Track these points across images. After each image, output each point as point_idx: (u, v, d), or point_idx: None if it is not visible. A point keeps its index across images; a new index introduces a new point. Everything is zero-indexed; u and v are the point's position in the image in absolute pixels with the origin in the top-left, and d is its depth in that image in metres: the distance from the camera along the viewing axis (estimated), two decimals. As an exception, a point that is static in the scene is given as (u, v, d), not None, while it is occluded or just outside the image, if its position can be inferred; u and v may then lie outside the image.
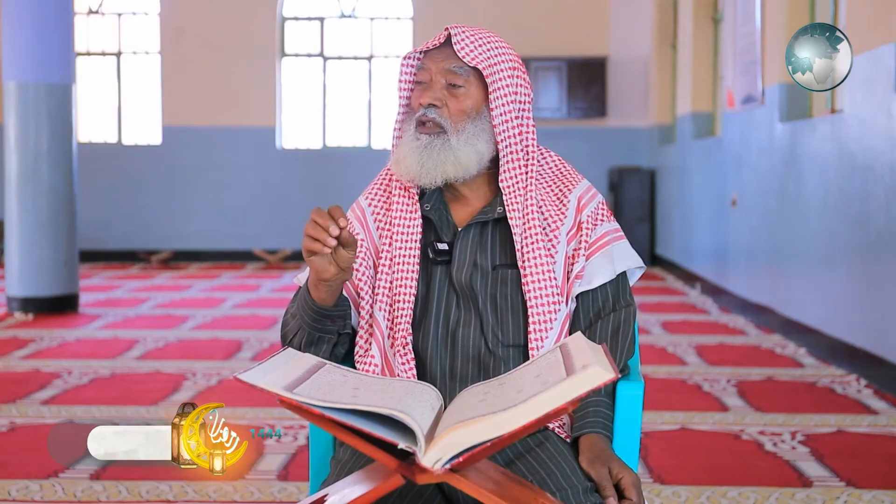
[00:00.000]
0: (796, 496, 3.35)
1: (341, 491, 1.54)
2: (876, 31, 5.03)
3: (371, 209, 1.99)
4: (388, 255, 1.92)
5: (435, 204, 1.94)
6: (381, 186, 2.01)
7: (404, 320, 1.88)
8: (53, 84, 7.23)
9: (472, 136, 1.87)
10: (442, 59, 1.88)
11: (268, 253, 11.45)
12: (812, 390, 4.94)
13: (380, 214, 1.97)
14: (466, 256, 1.90)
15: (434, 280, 1.91)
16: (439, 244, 1.92)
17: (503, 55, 1.90)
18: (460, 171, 1.87)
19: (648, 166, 11.07)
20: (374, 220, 1.97)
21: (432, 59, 1.89)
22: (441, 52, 1.89)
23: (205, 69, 11.42)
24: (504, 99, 1.88)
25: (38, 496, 3.31)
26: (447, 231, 1.93)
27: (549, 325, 1.86)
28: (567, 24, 11.29)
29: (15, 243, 7.25)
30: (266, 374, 1.49)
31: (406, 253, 1.90)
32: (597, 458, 1.74)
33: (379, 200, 1.99)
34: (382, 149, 11.66)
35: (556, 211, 1.93)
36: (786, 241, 6.47)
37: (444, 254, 1.91)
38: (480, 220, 1.91)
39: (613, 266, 1.92)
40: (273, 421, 4.17)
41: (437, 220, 1.93)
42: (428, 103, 1.87)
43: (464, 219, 1.94)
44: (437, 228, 1.93)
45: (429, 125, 1.87)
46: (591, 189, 1.98)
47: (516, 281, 1.89)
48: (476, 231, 1.92)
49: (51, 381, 5.05)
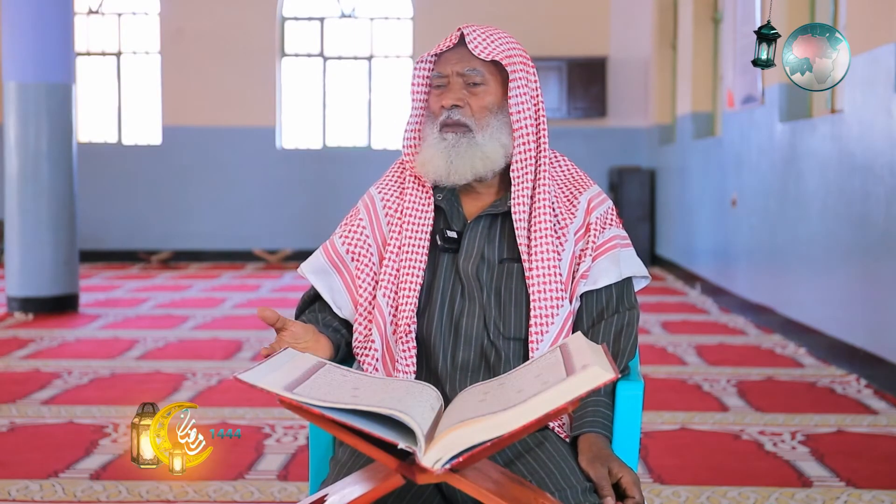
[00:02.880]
0: (796, 496, 3.35)
1: (341, 491, 1.55)
2: (876, 31, 5.03)
3: (381, 198, 2.02)
4: (397, 242, 1.94)
5: (447, 195, 1.96)
6: (394, 178, 2.04)
7: (409, 307, 1.89)
8: (53, 84, 7.23)
9: (497, 131, 1.91)
10: (457, 59, 1.91)
11: (268, 253, 11.46)
12: (812, 390, 4.94)
13: (390, 202, 2.00)
14: (474, 247, 1.93)
15: (440, 269, 1.93)
16: (449, 231, 1.94)
17: (515, 48, 1.94)
18: (489, 166, 1.91)
19: (648, 166, 11.07)
20: (384, 207, 2.00)
21: (448, 61, 1.92)
22: (456, 53, 1.92)
23: (205, 69, 11.42)
24: (522, 89, 1.91)
25: (38, 496, 3.31)
26: (457, 221, 1.96)
27: (550, 320, 1.87)
28: (567, 24, 11.28)
29: (15, 243, 7.25)
30: (266, 375, 1.49)
31: (415, 241, 1.93)
32: (596, 458, 1.74)
33: (391, 191, 2.02)
34: (382, 149, 11.67)
35: (567, 210, 1.96)
36: (786, 241, 6.47)
37: (452, 241, 1.94)
38: (491, 212, 1.94)
39: (620, 269, 1.93)
40: (273, 421, 4.16)
41: (448, 209, 1.96)
42: (451, 105, 1.90)
43: (474, 212, 1.97)
44: (448, 218, 1.96)
45: (453, 126, 1.90)
46: (601, 194, 2.01)
47: (521, 275, 1.91)
48: (486, 223, 1.95)
49: (51, 381, 5.05)
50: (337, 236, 2.02)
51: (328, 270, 1.99)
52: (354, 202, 2.10)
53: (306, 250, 11.40)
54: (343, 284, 1.98)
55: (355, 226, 2.01)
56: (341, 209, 11.43)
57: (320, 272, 2.00)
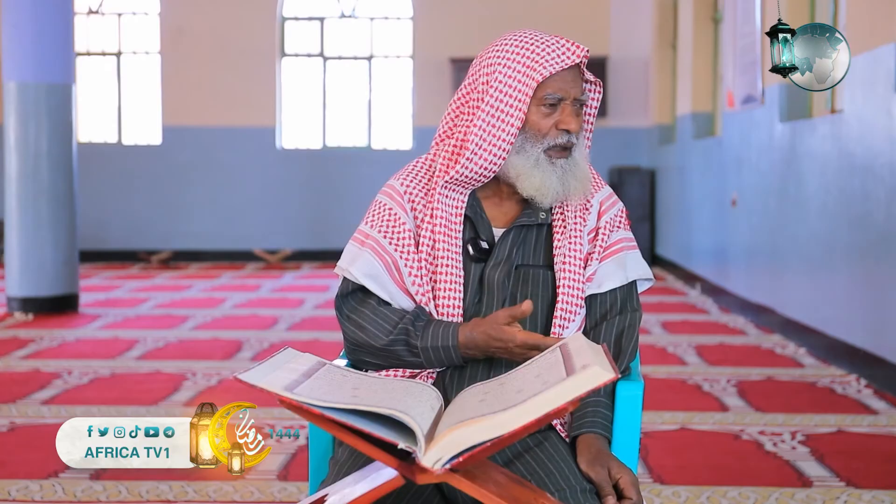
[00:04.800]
0: (796, 496, 3.35)
1: (341, 491, 1.55)
2: (876, 31, 5.03)
3: (406, 193, 1.93)
4: (428, 246, 1.88)
5: (470, 202, 1.93)
6: (420, 177, 1.95)
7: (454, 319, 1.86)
8: (53, 84, 7.23)
9: (582, 148, 1.93)
10: (573, 81, 1.89)
11: (268, 253, 11.45)
12: (812, 390, 4.94)
13: (416, 201, 1.92)
14: (504, 257, 1.91)
15: (469, 277, 1.90)
16: (483, 242, 1.92)
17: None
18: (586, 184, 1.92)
19: (648, 166, 11.07)
20: (410, 203, 1.92)
21: (565, 81, 1.87)
22: (571, 73, 1.89)
23: (205, 69, 11.42)
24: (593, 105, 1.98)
25: (38, 496, 3.31)
26: (484, 229, 1.93)
27: (567, 324, 1.88)
28: (567, 24, 11.27)
29: (15, 243, 7.25)
30: (266, 374, 1.49)
31: (450, 255, 1.88)
32: (595, 459, 1.74)
33: (417, 189, 1.93)
34: (382, 149, 11.66)
35: (582, 212, 1.97)
36: (786, 241, 6.47)
37: (483, 252, 1.91)
38: (525, 223, 1.92)
39: (625, 273, 1.94)
40: (273, 421, 4.16)
41: (475, 217, 1.93)
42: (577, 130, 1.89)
43: (496, 217, 1.94)
44: (475, 227, 1.93)
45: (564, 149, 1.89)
46: (612, 196, 2.02)
47: (539, 282, 1.90)
48: (516, 233, 1.92)
49: (51, 381, 5.05)
50: (376, 233, 1.91)
51: (380, 271, 1.88)
52: (354, 202, 2.09)
53: (306, 250, 11.42)
54: (396, 285, 1.89)
55: (395, 223, 1.90)
56: (341, 209, 11.44)
57: (373, 276, 1.88)
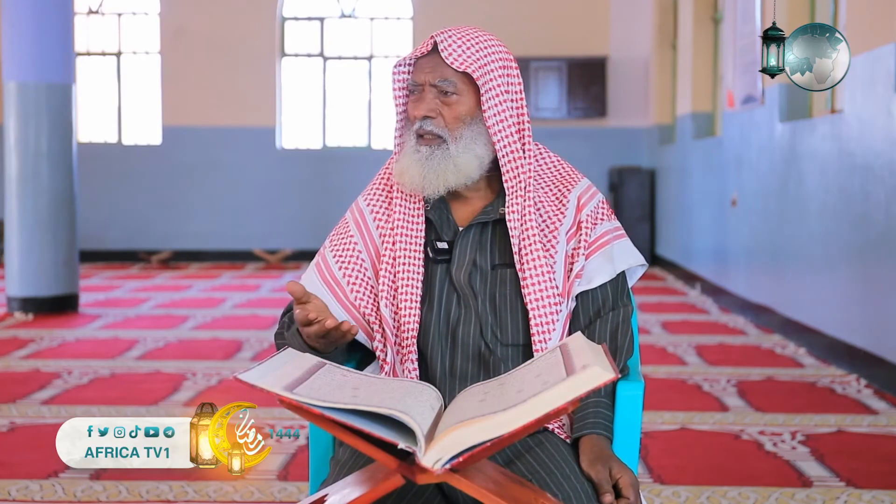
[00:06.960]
0: (796, 496, 3.35)
1: (341, 491, 1.55)
2: (876, 31, 5.03)
3: (370, 209, 1.99)
4: (391, 254, 1.92)
5: (436, 204, 1.94)
6: (381, 187, 2.01)
7: (411, 322, 1.88)
8: (53, 84, 7.23)
9: (471, 142, 1.87)
10: (430, 68, 1.87)
11: (268, 253, 11.45)
12: (812, 390, 4.94)
13: (380, 214, 1.97)
14: (466, 256, 1.91)
15: (434, 279, 1.91)
16: (439, 243, 1.92)
17: (492, 55, 1.88)
18: (461, 178, 1.88)
19: (648, 166, 11.07)
20: (374, 220, 1.97)
21: (421, 69, 1.88)
22: (430, 61, 1.88)
23: (205, 69, 11.42)
24: (497, 100, 1.87)
25: (38, 496, 3.31)
26: (448, 230, 1.93)
27: (551, 326, 1.86)
28: (567, 24, 11.28)
29: (15, 243, 7.25)
30: (266, 374, 1.49)
31: (410, 255, 1.91)
32: (597, 459, 1.74)
33: (378, 201, 1.99)
34: (382, 149, 11.67)
35: (556, 211, 1.93)
36: (786, 241, 6.47)
37: (443, 252, 1.91)
38: (481, 220, 1.92)
39: (613, 265, 1.92)
40: (273, 421, 4.16)
41: (438, 219, 1.93)
42: (423, 115, 1.87)
43: (464, 218, 1.94)
44: (438, 228, 1.93)
45: (427, 137, 1.88)
46: (591, 188, 1.98)
47: (515, 281, 1.89)
48: (476, 231, 1.92)
49: (51, 381, 5.05)
50: (329, 252, 1.98)
51: (322, 290, 1.93)
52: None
53: (306, 250, 11.42)
54: (339, 304, 1.93)
55: (347, 243, 1.97)
56: (341, 209, 11.41)
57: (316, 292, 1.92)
